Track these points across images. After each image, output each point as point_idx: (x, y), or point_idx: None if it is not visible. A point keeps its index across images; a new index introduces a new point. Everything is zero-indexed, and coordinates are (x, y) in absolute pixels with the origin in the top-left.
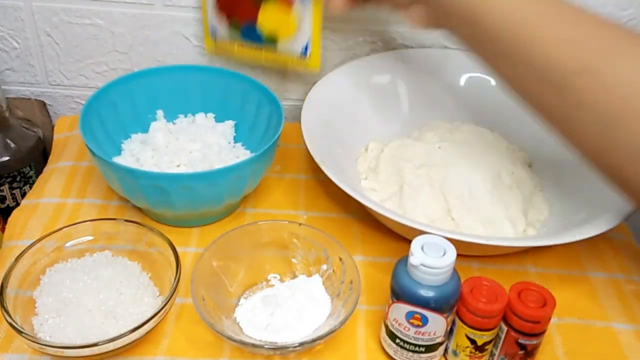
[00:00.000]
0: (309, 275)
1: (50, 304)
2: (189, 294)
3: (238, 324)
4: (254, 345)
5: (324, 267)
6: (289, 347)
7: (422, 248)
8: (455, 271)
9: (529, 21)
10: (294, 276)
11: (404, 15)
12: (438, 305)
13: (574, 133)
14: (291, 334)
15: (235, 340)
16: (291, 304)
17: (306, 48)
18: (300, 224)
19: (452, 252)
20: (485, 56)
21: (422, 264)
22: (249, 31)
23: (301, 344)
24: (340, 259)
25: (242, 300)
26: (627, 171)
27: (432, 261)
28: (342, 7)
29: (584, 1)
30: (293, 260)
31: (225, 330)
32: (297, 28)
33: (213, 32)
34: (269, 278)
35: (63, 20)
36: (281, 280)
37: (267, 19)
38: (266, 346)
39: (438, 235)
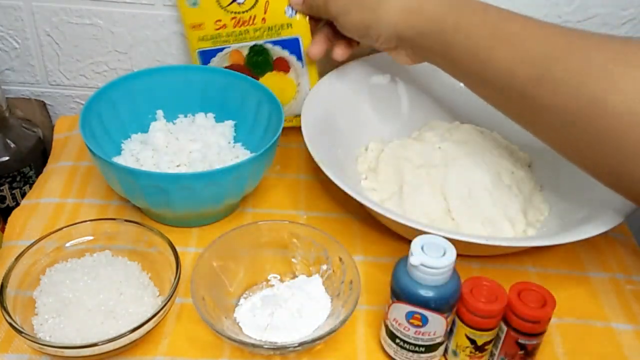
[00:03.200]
0: (309, 275)
1: (50, 304)
2: (189, 294)
3: (238, 324)
4: (253, 345)
5: (324, 267)
6: (288, 347)
7: (422, 248)
8: (455, 271)
9: (481, 47)
10: (294, 276)
11: (391, 55)
12: (438, 305)
13: (543, 134)
14: (291, 334)
15: (235, 340)
16: (291, 304)
17: None
18: (301, 224)
19: (452, 252)
20: (462, 79)
21: (422, 264)
22: None
23: (301, 344)
24: (340, 259)
25: (242, 300)
26: (589, 161)
27: (431, 261)
28: (318, 54)
29: (585, 2)
30: (293, 260)
31: (225, 330)
32: (296, 90)
33: None
34: (269, 278)
35: (63, 20)
36: (281, 280)
37: (269, 87)
38: (266, 346)
39: (438, 235)
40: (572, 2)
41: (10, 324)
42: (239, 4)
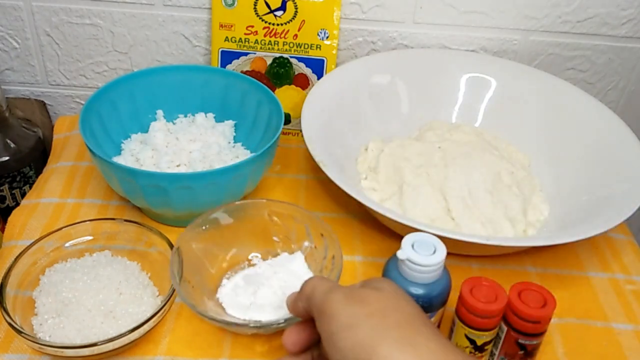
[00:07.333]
0: (291, 252)
1: (49, 304)
2: None
3: (221, 304)
4: (237, 325)
5: (306, 243)
6: (272, 325)
7: (412, 245)
8: (445, 270)
9: None
10: (276, 254)
11: None
12: (426, 303)
13: None
14: (276, 312)
15: (218, 321)
16: (274, 282)
17: None
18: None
19: (442, 251)
20: None
21: (408, 259)
22: None
23: (287, 321)
24: (322, 235)
25: (224, 281)
26: None
27: (419, 258)
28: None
29: (585, 2)
30: (274, 238)
31: (208, 311)
32: None
33: None
34: (250, 258)
35: (63, 20)
36: (263, 259)
37: (282, 101)
38: (251, 324)
39: (436, 234)
40: (572, 2)
41: (10, 324)
42: (276, 16)
